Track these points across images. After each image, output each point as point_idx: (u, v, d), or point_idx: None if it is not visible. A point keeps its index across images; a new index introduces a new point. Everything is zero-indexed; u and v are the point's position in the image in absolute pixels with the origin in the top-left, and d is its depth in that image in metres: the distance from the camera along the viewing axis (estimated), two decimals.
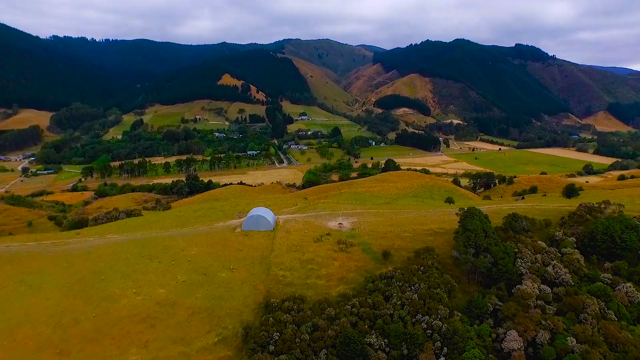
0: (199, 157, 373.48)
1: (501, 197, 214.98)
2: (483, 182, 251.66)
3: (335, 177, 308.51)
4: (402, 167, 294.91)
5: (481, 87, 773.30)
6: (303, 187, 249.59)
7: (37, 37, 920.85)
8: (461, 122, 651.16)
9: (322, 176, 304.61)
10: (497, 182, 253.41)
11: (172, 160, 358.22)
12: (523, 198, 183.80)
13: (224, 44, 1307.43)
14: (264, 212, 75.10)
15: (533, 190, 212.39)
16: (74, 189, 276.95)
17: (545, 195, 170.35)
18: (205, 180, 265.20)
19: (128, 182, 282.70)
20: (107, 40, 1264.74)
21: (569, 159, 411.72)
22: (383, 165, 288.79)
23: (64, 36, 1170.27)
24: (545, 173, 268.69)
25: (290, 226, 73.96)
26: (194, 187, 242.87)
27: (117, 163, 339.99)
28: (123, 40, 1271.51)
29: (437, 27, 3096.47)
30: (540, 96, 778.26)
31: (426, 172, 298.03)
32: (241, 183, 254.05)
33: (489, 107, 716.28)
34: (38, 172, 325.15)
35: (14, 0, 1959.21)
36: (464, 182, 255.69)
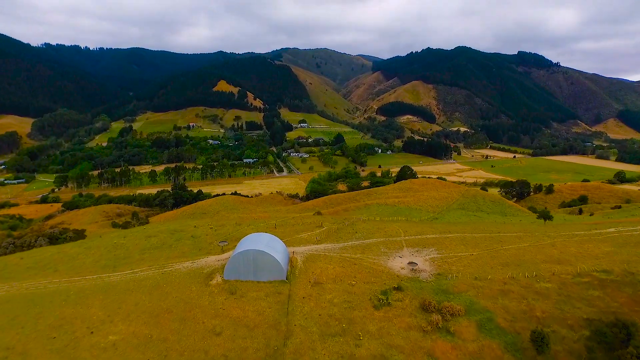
0: (190, 165, 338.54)
1: (545, 208, 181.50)
2: (516, 192, 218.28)
3: (342, 186, 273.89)
4: (417, 176, 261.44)
5: (487, 94, 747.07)
6: (308, 197, 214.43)
7: (27, 45, 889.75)
8: (468, 130, 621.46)
9: (328, 185, 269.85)
10: (531, 191, 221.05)
11: (160, 168, 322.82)
12: (581, 212, 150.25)
13: (220, 52, 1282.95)
14: (267, 243, 39.71)
15: (583, 200, 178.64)
16: (43, 200, 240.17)
17: (619, 207, 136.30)
18: (195, 191, 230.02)
19: (106, 193, 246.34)
20: (101, 48, 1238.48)
21: (593, 167, 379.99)
22: (397, 173, 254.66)
23: (57, 44, 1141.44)
24: (588, 180, 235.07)
25: (319, 270, 38.87)
26: (180, 198, 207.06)
27: (97, 172, 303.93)
28: (117, 48, 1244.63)
29: (437, 36, 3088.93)
30: (547, 103, 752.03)
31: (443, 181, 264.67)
32: (235, 193, 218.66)
33: (496, 114, 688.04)
34: (6, 181, 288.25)
35: (4, 7, 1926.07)
36: (493, 191, 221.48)
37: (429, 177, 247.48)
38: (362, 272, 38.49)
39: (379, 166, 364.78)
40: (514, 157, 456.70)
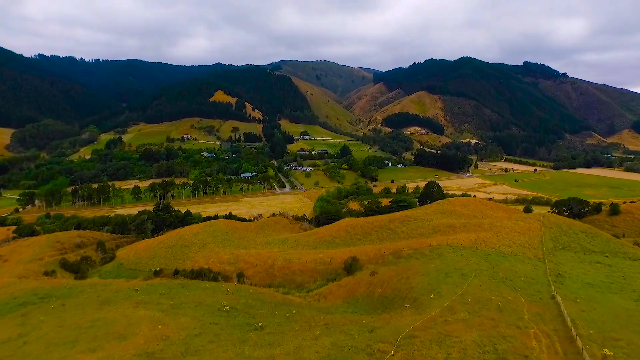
0: (181, 180, 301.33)
1: (623, 235, 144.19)
2: (569, 212, 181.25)
3: (354, 204, 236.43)
4: (444, 192, 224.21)
5: (495, 105, 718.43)
6: (318, 220, 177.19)
7: (19, 55, 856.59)
8: (479, 142, 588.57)
9: (339, 204, 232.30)
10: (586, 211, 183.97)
11: (146, 184, 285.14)
12: None
13: (218, 64, 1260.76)
14: None
15: None
16: (1, 222, 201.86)
17: None
18: (183, 211, 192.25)
19: (77, 213, 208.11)
20: (97, 60, 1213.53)
21: (628, 180, 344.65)
22: (422, 190, 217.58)
23: (51, 55, 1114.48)
24: None
25: None
26: (162, 222, 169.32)
27: (71, 188, 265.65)
28: (114, 60, 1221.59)
29: (439, 48, 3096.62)
30: (558, 114, 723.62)
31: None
32: (230, 215, 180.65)
33: (507, 125, 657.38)
34: None
35: None
36: (543, 212, 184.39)
37: (466, 195, 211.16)
38: None
39: (392, 181, 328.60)
40: (535, 170, 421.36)
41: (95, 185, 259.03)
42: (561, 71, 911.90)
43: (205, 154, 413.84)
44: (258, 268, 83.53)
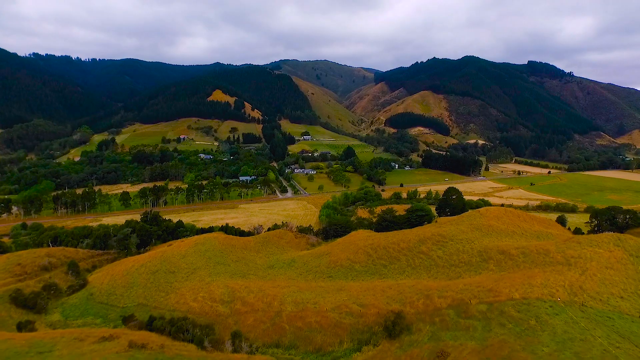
0: (174, 185, 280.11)
1: None
2: (609, 224, 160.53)
3: (363, 212, 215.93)
4: (463, 197, 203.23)
5: (501, 105, 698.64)
6: (326, 232, 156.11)
7: (12, 54, 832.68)
8: (486, 142, 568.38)
9: (347, 212, 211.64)
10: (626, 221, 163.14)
11: (137, 189, 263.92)
12: None
13: (217, 64, 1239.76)
14: None
15: None
16: None
17: None
18: (175, 220, 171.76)
19: (54, 223, 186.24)
20: (93, 59, 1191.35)
21: None
22: (441, 197, 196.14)
23: (46, 54, 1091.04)
24: None
25: None
26: (149, 235, 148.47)
27: (54, 194, 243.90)
28: (111, 59, 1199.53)
29: (441, 48, 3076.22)
30: (566, 114, 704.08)
31: (487, 204, 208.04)
32: (226, 227, 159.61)
33: (514, 125, 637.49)
34: None
35: None
36: (577, 222, 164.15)
37: (485, 202, 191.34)
38: None
39: (401, 184, 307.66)
40: (549, 172, 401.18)
41: (80, 191, 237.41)
42: (566, 71, 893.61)
43: (202, 155, 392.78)
44: (260, 314, 62.73)
